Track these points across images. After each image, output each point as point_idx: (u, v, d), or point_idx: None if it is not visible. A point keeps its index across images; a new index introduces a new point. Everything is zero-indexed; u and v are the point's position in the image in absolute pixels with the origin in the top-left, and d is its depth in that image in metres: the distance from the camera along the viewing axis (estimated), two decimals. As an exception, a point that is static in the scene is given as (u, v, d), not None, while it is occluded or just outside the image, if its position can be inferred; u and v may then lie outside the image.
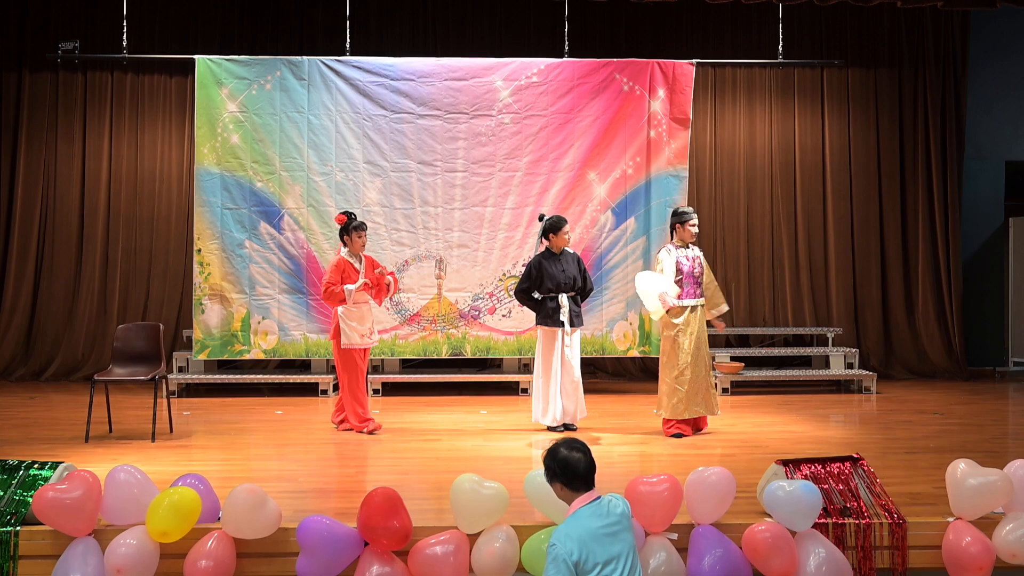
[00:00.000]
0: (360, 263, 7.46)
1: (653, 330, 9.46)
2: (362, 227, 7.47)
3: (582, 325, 7.58)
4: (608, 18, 10.96)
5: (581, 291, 7.52)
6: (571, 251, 7.56)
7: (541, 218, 7.63)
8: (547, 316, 7.36)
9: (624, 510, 3.80)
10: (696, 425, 7.24)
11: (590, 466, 3.79)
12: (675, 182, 9.63)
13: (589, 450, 3.84)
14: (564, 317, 7.30)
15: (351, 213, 7.57)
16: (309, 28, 10.77)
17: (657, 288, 7.04)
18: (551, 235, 7.46)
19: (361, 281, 7.33)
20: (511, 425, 7.78)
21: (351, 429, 7.40)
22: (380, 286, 7.52)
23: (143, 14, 10.50)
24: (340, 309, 7.33)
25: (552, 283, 7.36)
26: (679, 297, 7.07)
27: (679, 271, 7.12)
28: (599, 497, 3.77)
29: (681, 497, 4.42)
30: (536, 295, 7.42)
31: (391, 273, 7.72)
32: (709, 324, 7.35)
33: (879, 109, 11.12)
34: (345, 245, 7.47)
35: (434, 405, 8.83)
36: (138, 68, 10.71)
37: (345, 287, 7.27)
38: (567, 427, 7.43)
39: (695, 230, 7.21)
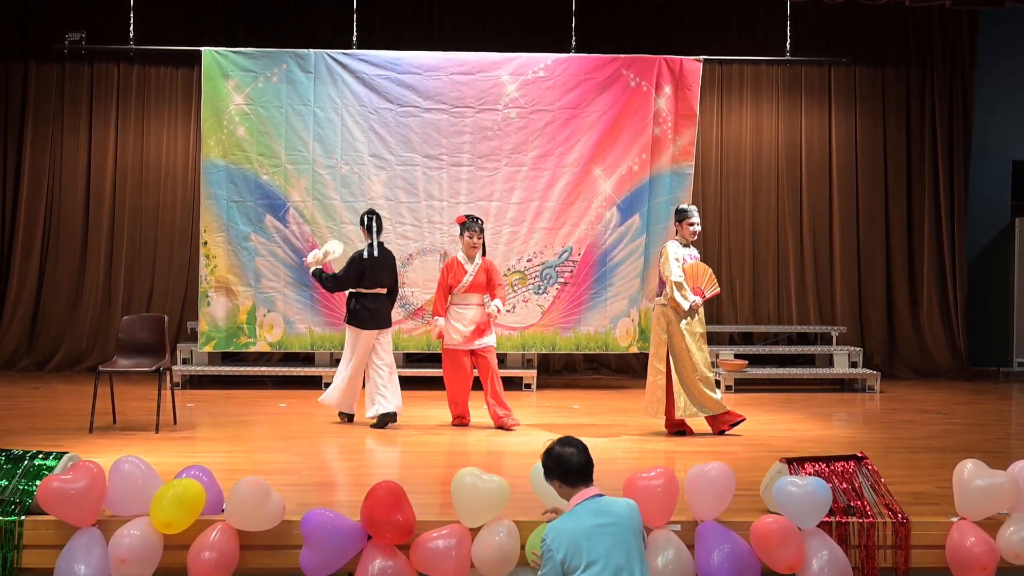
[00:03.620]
0: (472, 264, 7.39)
1: (648, 326, 9.43)
2: (472, 228, 7.39)
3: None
4: (615, 14, 10.95)
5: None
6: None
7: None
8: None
9: (625, 513, 3.74)
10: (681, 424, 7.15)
11: (585, 462, 3.82)
12: (680, 179, 9.58)
13: (585, 447, 3.86)
14: None
15: (471, 215, 7.65)
16: (314, 24, 10.76)
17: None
18: None
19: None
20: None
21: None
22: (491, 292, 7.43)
23: (148, 6, 10.48)
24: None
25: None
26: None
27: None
28: (600, 495, 3.77)
29: (677, 489, 4.42)
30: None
31: (498, 295, 7.43)
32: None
33: (886, 108, 11.11)
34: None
35: (438, 399, 8.80)
36: (144, 60, 10.71)
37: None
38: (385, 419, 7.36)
39: (695, 228, 7.06)
